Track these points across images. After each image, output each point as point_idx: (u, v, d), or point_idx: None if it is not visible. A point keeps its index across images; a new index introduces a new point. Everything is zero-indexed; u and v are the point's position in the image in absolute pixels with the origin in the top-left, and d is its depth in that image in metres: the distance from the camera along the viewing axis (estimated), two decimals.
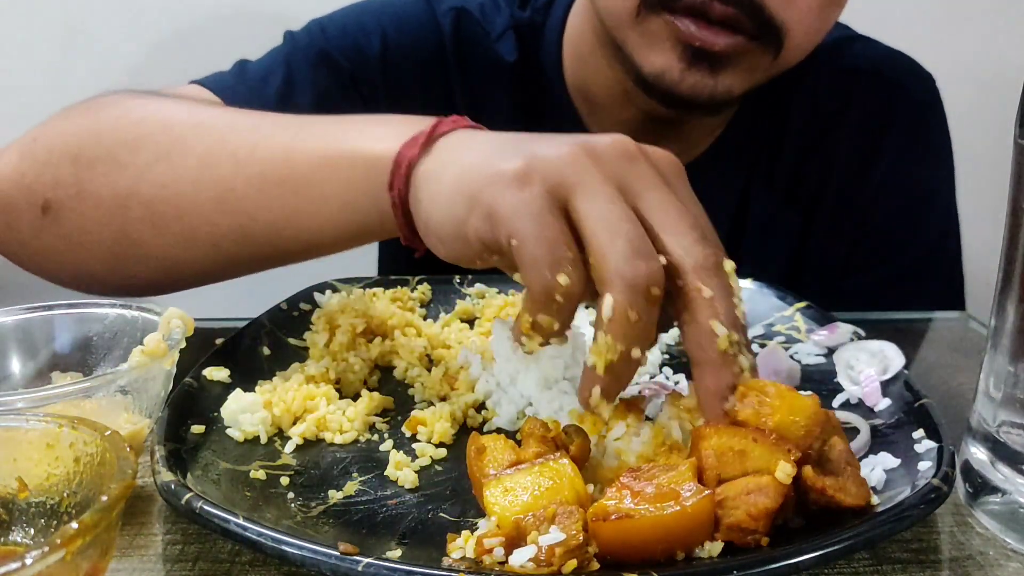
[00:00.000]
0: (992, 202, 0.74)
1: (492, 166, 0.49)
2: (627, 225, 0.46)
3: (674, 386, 0.66)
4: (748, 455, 0.46)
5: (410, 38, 0.92)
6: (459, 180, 0.52)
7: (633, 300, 0.45)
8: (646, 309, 0.46)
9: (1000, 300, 0.52)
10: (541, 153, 0.49)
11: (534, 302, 0.47)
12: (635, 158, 0.50)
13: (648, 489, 0.44)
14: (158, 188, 0.66)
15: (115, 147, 0.68)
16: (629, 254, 0.45)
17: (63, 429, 0.44)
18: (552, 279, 0.46)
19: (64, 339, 0.62)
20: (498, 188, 0.48)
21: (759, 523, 0.43)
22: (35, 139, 0.72)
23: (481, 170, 0.50)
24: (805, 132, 0.96)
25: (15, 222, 0.72)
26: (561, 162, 0.48)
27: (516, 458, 0.48)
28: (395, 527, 0.49)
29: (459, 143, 0.56)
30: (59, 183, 0.69)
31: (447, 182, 0.53)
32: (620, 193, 0.48)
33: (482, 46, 0.93)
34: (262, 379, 0.64)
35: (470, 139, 0.56)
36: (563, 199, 0.48)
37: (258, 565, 0.48)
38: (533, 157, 0.49)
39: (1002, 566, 0.48)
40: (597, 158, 0.49)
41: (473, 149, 0.54)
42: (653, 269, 0.46)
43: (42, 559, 0.34)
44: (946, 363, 0.76)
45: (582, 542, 0.42)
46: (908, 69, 1.00)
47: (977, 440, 0.53)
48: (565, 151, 0.49)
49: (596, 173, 0.48)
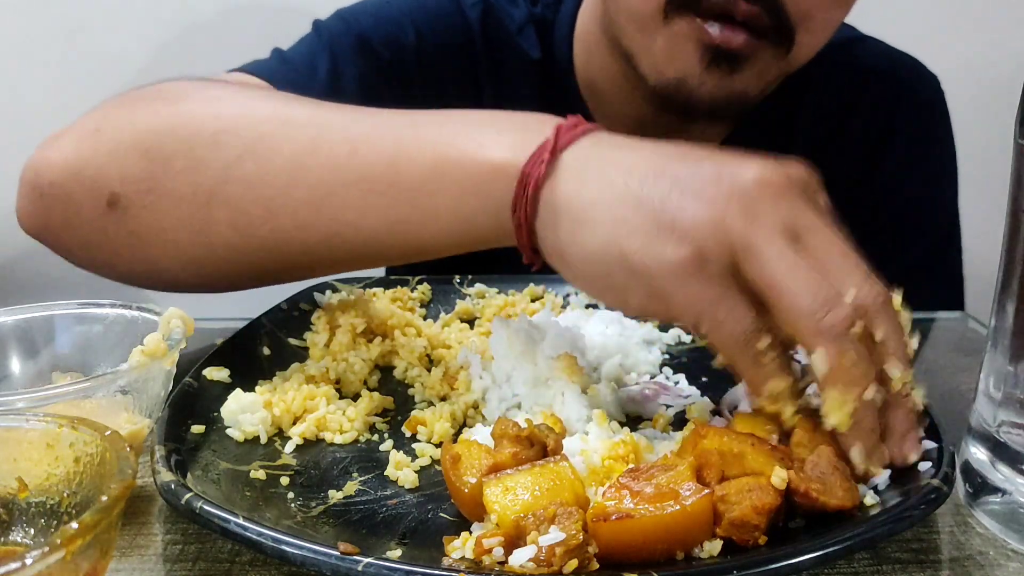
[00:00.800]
0: (992, 202, 0.74)
1: (652, 244, 0.48)
2: (806, 277, 0.46)
3: (674, 386, 0.66)
4: (746, 458, 0.47)
5: (442, 30, 0.91)
6: (611, 236, 0.50)
7: (843, 348, 0.45)
8: (858, 350, 0.46)
9: (1000, 300, 0.52)
10: (701, 220, 0.47)
11: (748, 372, 0.49)
12: (786, 194, 0.48)
13: (647, 489, 0.44)
14: (244, 188, 0.62)
15: (194, 142, 0.63)
16: (819, 308, 0.46)
17: (63, 429, 0.44)
18: (754, 347, 0.47)
19: (64, 339, 0.62)
20: (667, 280, 0.48)
21: (762, 518, 0.44)
22: (98, 129, 0.67)
23: (639, 238, 0.48)
24: (811, 132, 0.96)
25: (74, 217, 0.68)
26: (723, 229, 0.47)
27: (494, 461, 0.48)
28: (395, 527, 0.49)
29: (589, 162, 0.53)
30: (128, 177, 0.64)
31: (591, 226, 0.51)
32: (787, 242, 0.47)
33: (507, 40, 0.93)
34: (262, 379, 0.64)
35: (600, 156, 0.53)
36: (734, 267, 0.47)
37: (258, 565, 0.48)
38: (695, 231, 0.47)
39: (1002, 566, 0.48)
40: (755, 211, 0.47)
41: (608, 180, 0.51)
42: (846, 313, 0.46)
43: (42, 559, 0.34)
44: (946, 363, 0.76)
45: (582, 542, 0.42)
46: (913, 70, 1.00)
47: (977, 440, 0.53)
48: (722, 211, 0.47)
49: (759, 231, 0.47)
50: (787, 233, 0.47)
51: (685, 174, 0.50)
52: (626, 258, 0.49)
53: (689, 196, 0.48)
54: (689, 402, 0.64)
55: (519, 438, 0.50)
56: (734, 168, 0.49)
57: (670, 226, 0.48)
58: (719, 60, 0.78)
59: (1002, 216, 0.51)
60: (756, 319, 0.47)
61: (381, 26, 0.90)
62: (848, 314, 0.46)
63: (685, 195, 0.48)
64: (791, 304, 0.46)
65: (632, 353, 0.68)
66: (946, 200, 1.00)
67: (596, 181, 0.51)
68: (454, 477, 0.48)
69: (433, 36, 0.90)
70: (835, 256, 0.48)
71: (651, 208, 0.49)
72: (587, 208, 0.51)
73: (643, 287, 0.49)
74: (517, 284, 0.84)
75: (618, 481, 0.46)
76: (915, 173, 0.98)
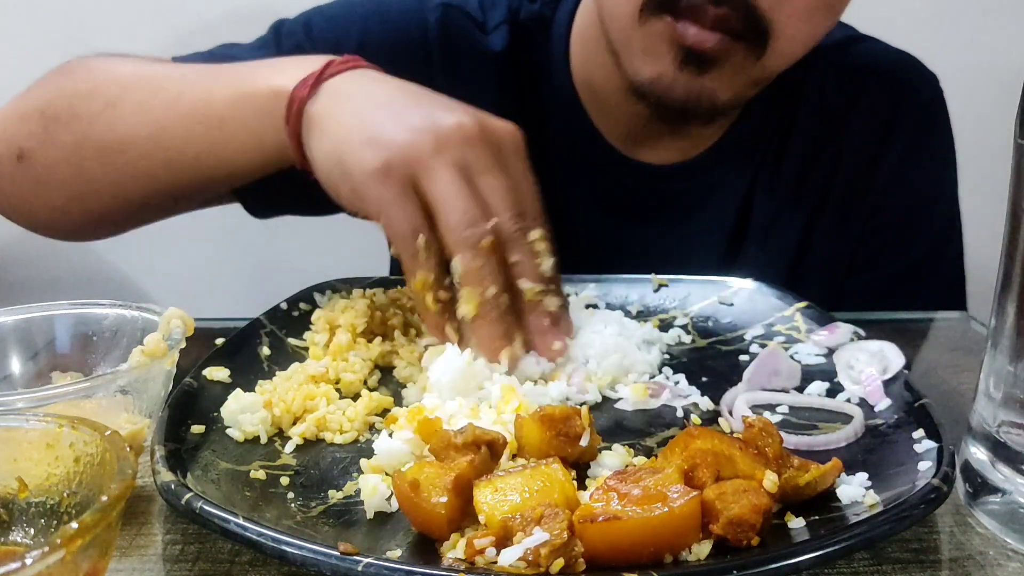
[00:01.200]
0: (992, 202, 0.74)
1: (359, 150, 0.63)
2: (462, 202, 0.61)
3: (674, 386, 0.66)
4: (735, 461, 0.48)
5: (392, 31, 0.94)
6: (336, 142, 0.65)
7: (473, 255, 0.61)
8: (485, 258, 0.61)
9: (1000, 300, 0.52)
10: (398, 141, 0.62)
11: (407, 262, 0.63)
12: (474, 142, 0.63)
13: (635, 491, 0.44)
14: (105, 131, 0.79)
15: (74, 100, 0.81)
16: (464, 225, 0.61)
17: (63, 429, 0.44)
18: (414, 243, 0.62)
19: (64, 339, 0.62)
20: (362, 178, 0.62)
21: (759, 517, 0.44)
22: (18, 98, 0.85)
23: (352, 145, 0.63)
24: (811, 131, 0.97)
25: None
26: (413, 150, 0.62)
27: (456, 475, 0.47)
28: (395, 527, 0.49)
29: (343, 90, 0.68)
30: (31, 134, 0.82)
31: (328, 135, 0.66)
32: (459, 173, 0.62)
33: (470, 39, 0.95)
34: (262, 379, 0.64)
35: (353, 87, 0.68)
36: (414, 182, 0.62)
37: (258, 565, 0.48)
38: (392, 147, 0.62)
39: (1002, 566, 0.48)
40: (443, 145, 0.62)
41: (352, 103, 0.66)
42: (482, 232, 0.61)
43: (42, 559, 0.34)
44: (946, 363, 0.76)
45: (566, 542, 0.42)
46: (913, 69, 1.00)
47: (977, 440, 0.53)
48: (417, 138, 0.62)
49: (439, 159, 0.62)
50: (460, 168, 0.62)
51: (405, 109, 0.65)
52: (341, 160, 0.64)
53: (399, 124, 0.63)
54: (689, 402, 0.64)
55: (467, 444, 0.50)
56: (442, 112, 0.64)
57: (376, 141, 0.62)
58: (690, 60, 0.80)
59: (1002, 216, 0.51)
60: (422, 223, 0.62)
61: (326, 29, 0.94)
62: (483, 232, 0.61)
63: (397, 123, 0.63)
64: (445, 219, 0.61)
65: (631, 353, 0.68)
66: (946, 198, 1.00)
67: (342, 103, 0.67)
68: (421, 502, 0.46)
69: (380, 37, 0.94)
70: (496, 195, 0.63)
71: (369, 126, 0.64)
72: (328, 121, 0.67)
73: (349, 184, 0.64)
74: None
75: (606, 483, 0.46)
76: (914, 171, 0.98)
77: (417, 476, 0.47)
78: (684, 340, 0.75)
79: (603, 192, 0.97)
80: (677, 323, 0.78)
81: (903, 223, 0.98)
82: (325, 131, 0.67)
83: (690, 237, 0.97)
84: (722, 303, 0.80)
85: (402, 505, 0.48)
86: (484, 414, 0.58)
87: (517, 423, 0.54)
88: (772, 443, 0.49)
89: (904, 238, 0.98)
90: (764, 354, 0.68)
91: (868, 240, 0.98)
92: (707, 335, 0.76)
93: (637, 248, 0.97)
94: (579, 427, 0.52)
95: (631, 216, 0.97)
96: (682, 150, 0.95)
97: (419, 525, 0.47)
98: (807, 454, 0.54)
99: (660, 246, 0.97)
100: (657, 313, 0.80)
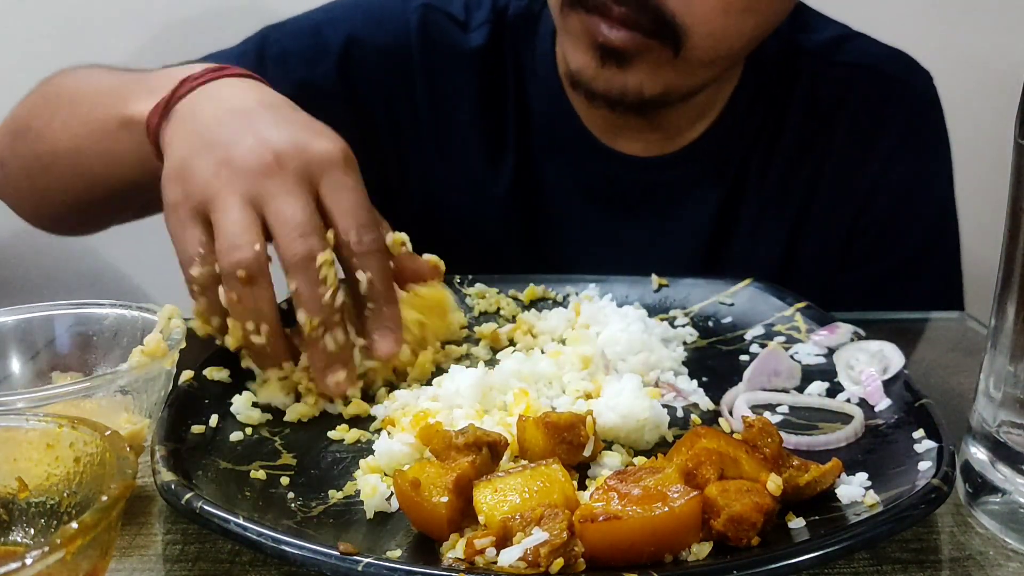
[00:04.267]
0: (992, 202, 0.74)
1: (166, 185, 0.65)
2: (239, 233, 0.61)
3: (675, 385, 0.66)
4: (740, 463, 0.48)
5: (374, 34, 0.96)
6: (166, 169, 0.66)
7: (230, 282, 0.61)
8: (241, 290, 0.60)
9: (1000, 300, 0.52)
10: (197, 176, 0.63)
11: (189, 281, 0.63)
12: (271, 172, 0.62)
13: (635, 491, 0.44)
14: (44, 144, 0.86)
15: (33, 112, 0.89)
16: (229, 249, 0.60)
17: (63, 429, 0.44)
18: (189, 271, 0.63)
19: (64, 339, 0.62)
20: (167, 210, 0.65)
21: (760, 517, 0.44)
22: (6, 115, 0.93)
23: (169, 178, 0.65)
24: (801, 127, 0.96)
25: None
26: (205, 184, 0.63)
27: (457, 475, 0.47)
28: (395, 527, 0.49)
29: (189, 110, 0.70)
30: (4, 146, 0.91)
31: (168, 156, 0.67)
32: (247, 204, 0.62)
33: (450, 39, 0.97)
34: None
35: (195, 110, 0.69)
36: (204, 214, 0.63)
37: (258, 565, 0.48)
38: (190, 180, 0.63)
39: (1002, 566, 0.48)
40: (235, 176, 0.62)
41: (185, 129, 0.68)
42: (245, 256, 0.60)
43: (42, 559, 0.34)
44: (946, 363, 0.76)
45: (566, 542, 0.42)
46: (905, 66, 1.00)
47: (977, 440, 0.53)
48: (212, 171, 0.63)
49: (231, 189, 0.62)
50: (250, 198, 0.62)
51: (216, 137, 0.65)
52: (163, 189, 0.65)
53: (206, 158, 0.64)
54: (689, 402, 0.64)
55: (468, 445, 0.50)
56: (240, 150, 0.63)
57: (183, 175, 0.64)
58: (607, 57, 0.81)
59: (1002, 216, 0.51)
60: (199, 250, 0.62)
61: (303, 38, 0.95)
62: (244, 258, 0.60)
63: (206, 157, 0.64)
64: (218, 245, 0.61)
65: (656, 350, 0.69)
66: (940, 195, 1.00)
67: (180, 128, 0.69)
68: (422, 501, 0.46)
69: (366, 40, 0.95)
70: (283, 220, 0.61)
71: (180, 159, 0.65)
72: (167, 149, 0.68)
73: (166, 213, 0.65)
74: (517, 284, 0.84)
75: (606, 483, 0.46)
76: (905, 164, 0.97)
77: (418, 475, 0.47)
78: (687, 340, 0.75)
79: (586, 182, 0.97)
80: (677, 323, 0.78)
81: (894, 218, 0.98)
82: (167, 152, 0.69)
83: (672, 231, 0.97)
84: (722, 303, 0.80)
85: (403, 504, 0.48)
86: (489, 413, 0.58)
87: (520, 425, 0.53)
88: (771, 443, 0.50)
89: (896, 233, 0.98)
90: (764, 354, 0.68)
91: (860, 235, 0.98)
92: (707, 335, 0.76)
93: (619, 240, 0.97)
94: (583, 436, 0.52)
95: (612, 206, 0.97)
96: (660, 143, 0.95)
97: (419, 524, 0.47)
98: (807, 454, 0.54)
99: (642, 239, 0.97)
100: (657, 313, 0.80)
